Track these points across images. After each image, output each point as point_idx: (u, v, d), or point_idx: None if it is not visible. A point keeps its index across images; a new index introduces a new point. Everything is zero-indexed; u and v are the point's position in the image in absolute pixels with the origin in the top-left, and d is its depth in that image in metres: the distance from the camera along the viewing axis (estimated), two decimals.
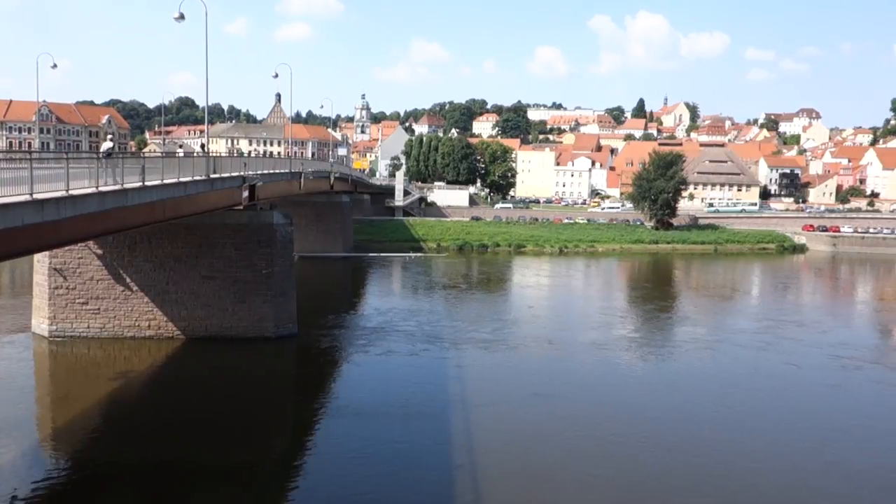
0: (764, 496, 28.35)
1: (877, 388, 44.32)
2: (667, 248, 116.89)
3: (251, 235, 48.10)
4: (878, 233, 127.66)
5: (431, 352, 48.44)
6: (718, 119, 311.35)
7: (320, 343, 49.79)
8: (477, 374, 44.05)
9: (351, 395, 39.61)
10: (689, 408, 39.18)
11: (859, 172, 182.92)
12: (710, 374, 46.55)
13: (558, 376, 44.16)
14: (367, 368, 45.23)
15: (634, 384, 44.11)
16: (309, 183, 68.92)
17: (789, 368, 47.95)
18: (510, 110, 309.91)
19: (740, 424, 36.48)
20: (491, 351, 49.31)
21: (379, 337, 51.80)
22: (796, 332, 58.57)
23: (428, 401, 38.56)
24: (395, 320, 57.97)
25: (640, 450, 32.62)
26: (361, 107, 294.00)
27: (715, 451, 32.90)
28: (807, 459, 32.32)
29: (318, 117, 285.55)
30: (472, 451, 31.52)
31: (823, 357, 50.66)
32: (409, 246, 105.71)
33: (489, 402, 38.53)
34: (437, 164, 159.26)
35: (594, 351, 50.49)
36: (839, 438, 34.95)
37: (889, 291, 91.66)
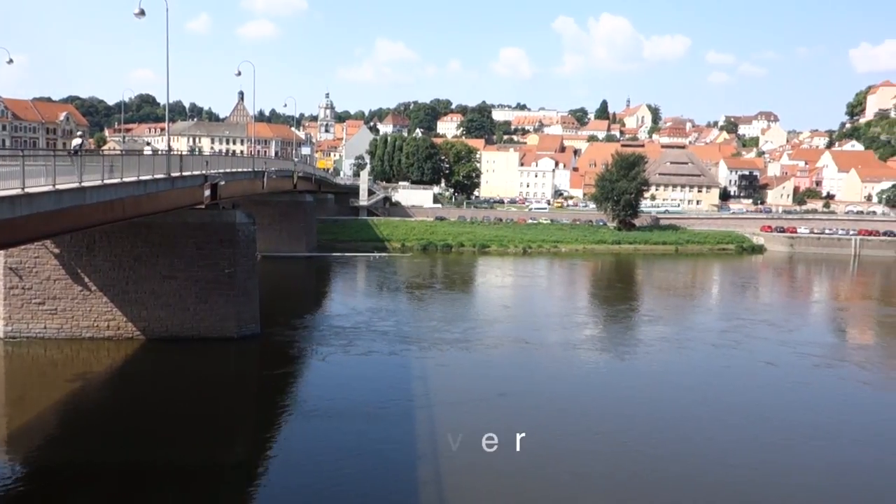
0: (738, 491, 28.85)
1: (843, 384, 45.41)
2: (629, 249, 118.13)
3: (213, 234, 47.58)
4: (833, 234, 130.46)
5: (396, 352, 48.39)
6: (680, 121, 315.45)
7: (284, 343, 49.43)
8: (442, 374, 44.09)
9: (314, 396, 39.41)
10: (657, 405, 39.64)
11: (816, 174, 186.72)
12: (677, 372, 47.21)
13: (524, 375, 44.42)
14: (331, 368, 45.06)
15: (601, 383, 44.59)
16: (272, 182, 68.35)
17: (758, 366, 48.84)
18: (475, 111, 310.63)
19: (712, 420, 37.10)
20: (456, 350, 49.39)
21: (343, 337, 51.59)
22: (762, 331, 59.54)
23: (392, 401, 38.51)
24: (359, 320, 57.77)
25: (608, 447, 32.98)
26: (325, 106, 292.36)
27: (686, 446, 33.37)
28: (782, 455, 32.87)
29: (281, 116, 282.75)
30: (436, 452, 31.53)
31: (792, 356, 51.60)
32: (374, 246, 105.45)
33: (454, 401, 38.58)
34: (402, 164, 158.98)
35: (560, 350, 50.91)
36: (812, 433, 35.67)
37: (844, 290, 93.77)
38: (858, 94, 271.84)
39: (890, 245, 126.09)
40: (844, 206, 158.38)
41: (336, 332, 52.95)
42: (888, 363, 52.89)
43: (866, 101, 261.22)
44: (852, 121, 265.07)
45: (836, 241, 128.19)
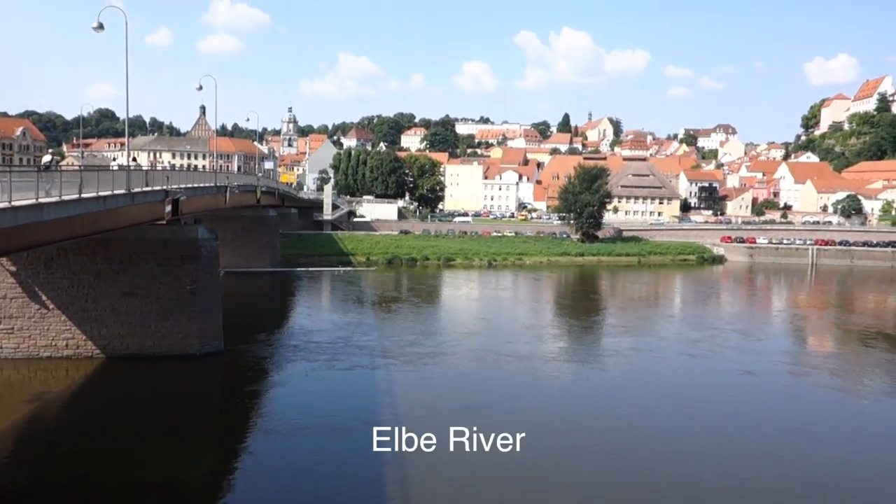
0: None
1: (818, 391, 46.24)
2: (592, 261, 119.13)
3: (175, 250, 47.03)
4: (791, 243, 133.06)
5: (361, 367, 48.14)
6: (640, 134, 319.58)
7: (247, 359, 48.91)
8: (407, 388, 43.96)
9: (279, 412, 39.03)
10: (635, 414, 39.97)
11: (773, 186, 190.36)
12: (650, 382, 47.74)
13: (490, 389, 44.47)
14: (296, 384, 44.67)
15: (568, 394, 44.83)
16: (235, 197, 67.73)
17: (733, 375, 49.76)
18: (438, 124, 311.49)
19: (693, 430, 37.55)
20: (422, 364, 49.28)
21: (307, 352, 51.22)
22: (730, 341, 60.67)
23: (357, 416, 38.28)
24: (323, 335, 57.42)
25: (579, 459, 33.10)
26: (288, 120, 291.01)
27: (670, 455, 33.65)
28: (762, 463, 33.32)
29: (244, 130, 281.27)
30: (402, 466, 31.40)
31: (764, 364, 52.60)
32: (338, 260, 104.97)
33: (420, 415, 38.45)
34: (366, 178, 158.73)
35: (527, 362, 51.06)
36: (792, 440, 36.23)
37: (804, 299, 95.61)
38: (813, 107, 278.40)
39: (845, 254, 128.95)
40: (801, 217, 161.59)
41: (300, 348, 52.55)
42: (857, 370, 54.04)
43: (820, 114, 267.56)
44: (807, 133, 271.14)
45: (794, 250, 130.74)
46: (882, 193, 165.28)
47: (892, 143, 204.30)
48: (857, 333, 67.63)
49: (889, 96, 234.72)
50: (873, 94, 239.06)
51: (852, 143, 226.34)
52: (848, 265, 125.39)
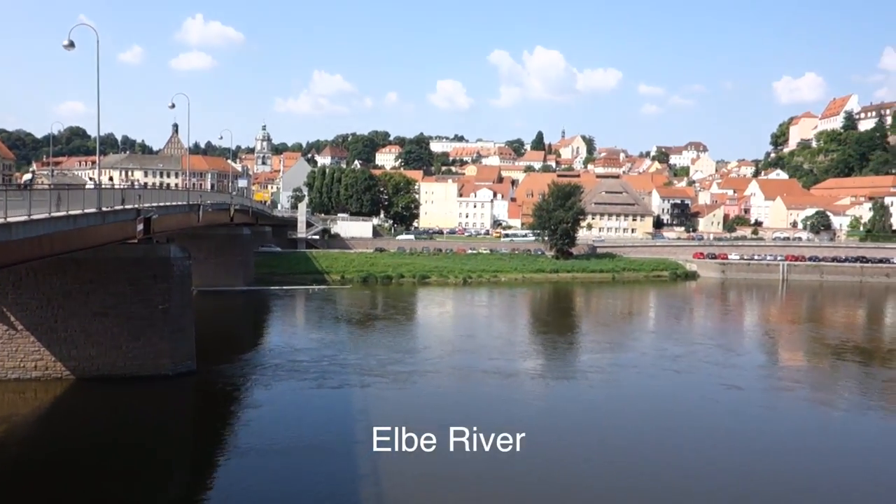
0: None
1: (802, 406, 46.67)
2: (567, 277, 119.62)
3: (147, 270, 46.53)
4: (762, 259, 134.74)
5: (336, 386, 47.83)
6: (613, 151, 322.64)
7: (220, 379, 48.40)
8: (381, 407, 43.71)
9: (252, 433, 38.62)
10: (620, 430, 40.09)
11: (744, 202, 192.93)
12: (631, 396, 48.09)
13: (466, 407, 44.31)
14: (270, 404, 44.25)
15: (547, 412, 44.77)
16: (208, 215, 67.31)
17: (717, 390, 50.39)
18: (413, 142, 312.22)
19: (679, 446, 37.68)
20: (397, 383, 49.06)
21: (281, 372, 50.80)
22: (710, 356, 61.41)
23: (332, 436, 38.00)
24: (298, 354, 57.01)
25: (561, 477, 33.04)
26: (262, 138, 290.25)
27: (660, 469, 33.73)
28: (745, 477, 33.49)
29: (217, 148, 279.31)
30: (378, 486, 31.18)
31: (748, 379, 53.05)
32: (313, 278, 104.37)
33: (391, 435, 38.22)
34: (341, 196, 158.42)
35: (512, 379, 51.04)
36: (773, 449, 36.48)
37: (776, 315, 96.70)
38: (782, 124, 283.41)
39: (815, 270, 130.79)
40: (772, 233, 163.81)
41: (274, 368, 52.10)
42: (834, 384, 54.75)
43: (789, 132, 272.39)
44: (777, 150, 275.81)
45: (765, 266, 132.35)
46: (850, 210, 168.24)
47: (858, 160, 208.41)
48: (831, 348, 68.55)
49: (855, 114, 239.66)
50: (840, 113, 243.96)
51: (820, 161, 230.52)
52: (818, 280, 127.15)
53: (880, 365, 62.07)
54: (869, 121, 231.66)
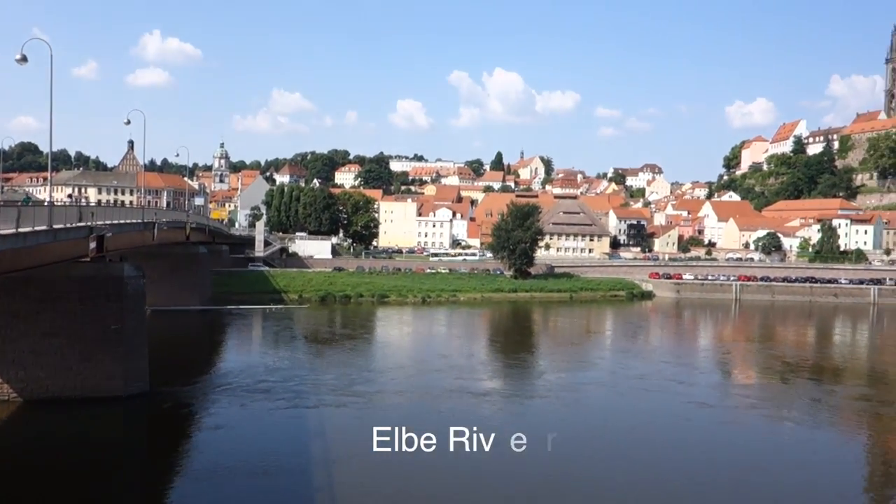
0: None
1: (764, 421, 47.43)
2: (526, 297, 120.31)
3: (99, 289, 45.66)
4: (715, 279, 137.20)
5: (292, 406, 47.32)
6: (571, 172, 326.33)
7: (174, 401, 47.55)
8: (339, 428, 43.39)
9: (206, 455, 37.97)
10: (570, 451, 40.16)
11: (698, 223, 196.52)
12: (603, 414, 48.24)
13: (424, 427, 44.08)
14: (224, 426, 43.55)
15: (502, 430, 44.69)
16: (163, 233, 66.32)
17: (684, 408, 50.79)
18: (373, 161, 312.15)
19: (653, 457, 37.95)
20: (353, 404, 48.71)
21: (237, 393, 50.10)
22: (675, 374, 62.44)
23: (288, 457, 37.56)
24: (254, 375, 56.27)
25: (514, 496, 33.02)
26: (220, 155, 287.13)
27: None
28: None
29: (174, 166, 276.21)
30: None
31: (714, 396, 53.77)
32: (270, 297, 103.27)
33: (350, 455, 37.96)
34: (299, 215, 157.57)
35: (468, 399, 50.87)
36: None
37: (729, 334, 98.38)
38: (734, 148, 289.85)
39: (766, 290, 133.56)
40: (725, 254, 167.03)
41: (230, 389, 51.37)
42: (791, 400, 55.83)
43: (741, 155, 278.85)
44: (729, 173, 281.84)
45: (719, 286, 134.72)
46: (799, 231, 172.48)
47: (807, 183, 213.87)
48: (788, 366, 70.31)
49: (804, 139, 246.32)
50: (790, 137, 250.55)
51: (771, 183, 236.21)
52: (769, 300, 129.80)
53: (831, 382, 63.62)
54: (817, 145, 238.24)
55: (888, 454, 43.54)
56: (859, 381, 65.40)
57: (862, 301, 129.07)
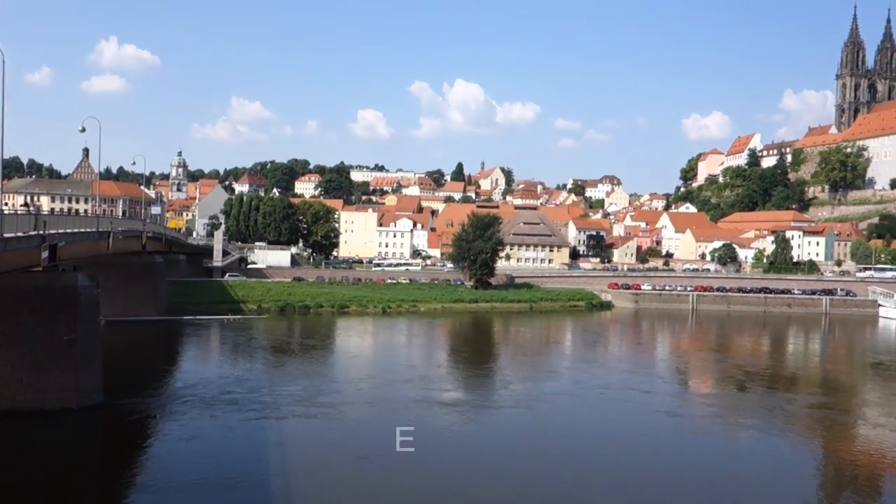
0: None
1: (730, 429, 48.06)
2: (486, 307, 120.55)
3: (51, 299, 44.65)
4: (673, 290, 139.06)
5: (250, 418, 46.72)
6: (531, 183, 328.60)
7: (129, 414, 46.60)
8: (299, 440, 42.98)
9: (162, 469, 37.25)
10: (522, 465, 40.27)
11: (656, 235, 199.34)
12: (573, 424, 48.46)
13: (383, 438, 43.91)
14: (181, 439, 42.76)
15: (463, 442, 44.74)
16: (118, 243, 65.20)
17: (653, 417, 51.41)
18: (333, 171, 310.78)
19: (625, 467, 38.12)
20: (313, 415, 48.31)
21: (193, 405, 49.31)
22: (641, 383, 63.23)
23: (246, 470, 37.04)
24: (211, 386, 55.46)
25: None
26: (178, 164, 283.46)
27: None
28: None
29: (130, 174, 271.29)
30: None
31: (682, 405, 54.26)
32: (228, 308, 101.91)
33: (311, 468, 37.63)
34: (259, 224, 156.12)
35: (423, 410, 50.74)
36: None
37: (687, 344, 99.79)
38: (691, 160, 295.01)
39: (722, 300, 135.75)
40: (682, 264, 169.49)
41: (187, 400, 50.54)
42: (750, 409, 56.67)
43: (698, 167, 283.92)
44: (686, 185, 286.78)
45: (676, 296, 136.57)
46: (754, 242, 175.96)
47: (762, 195, 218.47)
48: (751, 375, 71.53)
49: (758, 152, 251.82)
50: (744, 150, 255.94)
51: (727, 195, 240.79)
52: (725, 310, 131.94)
53: (789, 391, 65.03)
54: (771, 158, 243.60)
55: (845, 460, 44.42)
56: (816, 389, 66.99)
57: (814, 311, 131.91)
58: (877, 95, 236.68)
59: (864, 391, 67.41)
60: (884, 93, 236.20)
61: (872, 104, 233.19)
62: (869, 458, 43.68)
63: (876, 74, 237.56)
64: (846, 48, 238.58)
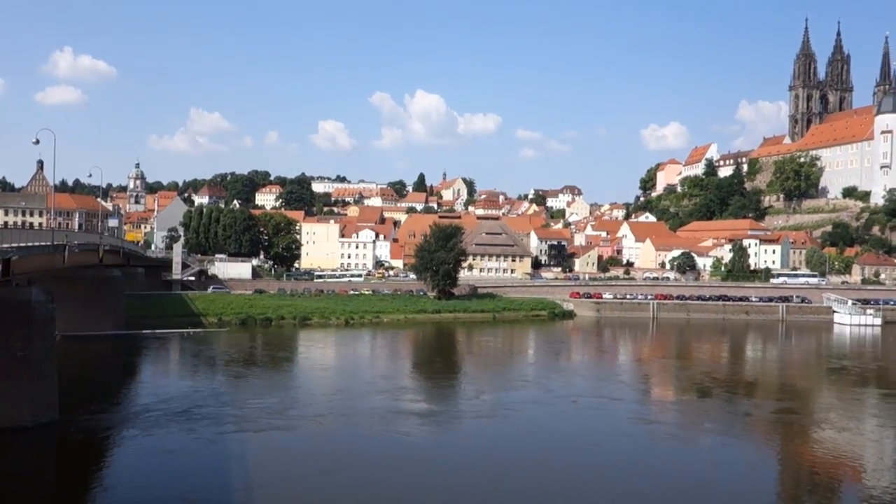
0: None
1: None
2: (449, 317, 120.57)
3: (4, 314, 43.71)
4: (633, 298, 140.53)
5: (211, 434, 46.05)
6: (493, 194, 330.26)
7: (86, 431, 45.65)
8: (261, 454, 42.44)
9: (120, 487, 36.51)
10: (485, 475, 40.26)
11: (616, 244, 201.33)
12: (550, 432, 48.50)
13: (347, 451, 43.64)
14: (139, 456, 41.96)
15: (423, 454, 44.61)
16: (74, 256, 63.97)
17: (626, 423, 51.20)
18: (294, 182, 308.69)
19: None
20: (275, 429, 47.83)
21: (152, 421, 48.47)
22: (612, 391, 63.76)
23: (207, 487, 36.56)
24: (171, 402, 54.54)
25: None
26: (135, 176, 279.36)
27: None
28: None
29: (86, 186, 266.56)
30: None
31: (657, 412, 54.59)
32: (188, 321, 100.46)
33: (273, 482, 37.19)
34: (219, 236, 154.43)
35: (386, 422, 50.50)
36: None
37: (649, 352, 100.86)
38: (650, 170, 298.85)
39: (682, 308, 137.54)
40: (642, 273, 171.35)
41: (146, 416, 49.67)
42: (719, 416, 57.40)
43: (657, 177, 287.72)
44: (645, 194, 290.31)
45: (637, 305, 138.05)
46: (712, 251, 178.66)
47: (719, 204, 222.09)
48: (718, 381, 73.04)
49: (715, 162, 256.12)
50: (702, 160, 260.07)
51: (685, 205, 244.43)
52: (685, 318, 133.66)
53: (756, 397, 66.80)
54: (728, 168, 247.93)
55: (804, 465, 45.21)
56: (776, 395, 68.28)
57: (771, 318, 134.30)
58: (828, 106, 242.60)
59: (821, 396, 68.71)
60: (835, 104, 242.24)
61: (824, 115, 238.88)
62: (828, 462, 44.50)
63: (827, 86, 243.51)
64: (798, 60, 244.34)
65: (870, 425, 56.36)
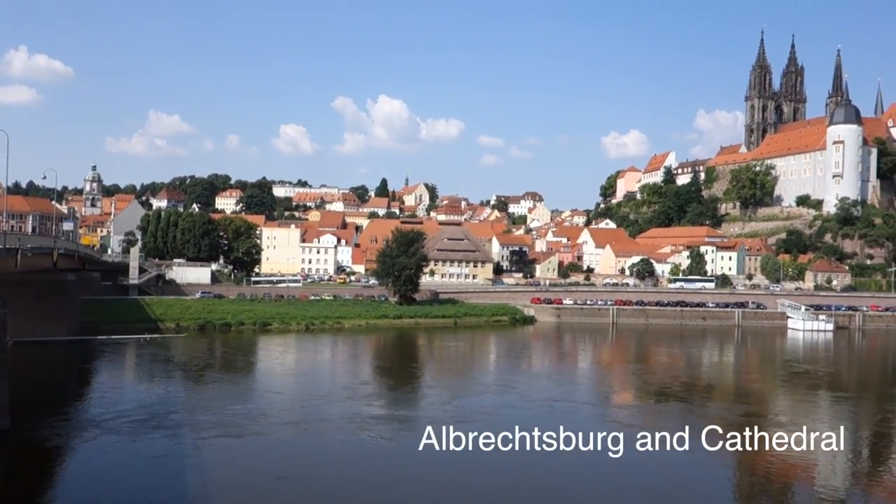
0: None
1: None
2: (410, 323, 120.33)
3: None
4: (594, 304, 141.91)
5: (168, 441, 45.40)
6: (455, 199, 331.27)
7: (38, 439, 44.63)
8: (218, 462, 41.98)
9: (72, 496, 35.86)
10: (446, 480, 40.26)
11: (577, 250, 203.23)
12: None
13: (304, 457, 43.36)
14: (94, 465, 41.19)
15: (386, 460, 44.48)
16: (27, 260, 62.67)
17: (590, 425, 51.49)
18: (255, 186, 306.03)
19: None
20: (233, 436, 47.23)
21: (107, 429, 47.58)
22: (580, 395, 64.03)
23: (164, 495, 35.95)
24: (125, 409, 53.62)
25: None
26: (92, 179, 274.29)
27: None
28: None
29: (40, 189, 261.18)
30: None
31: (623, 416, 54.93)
32: (145, 327, 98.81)
33: (230, 489, 36.79)
34: (177, 241, 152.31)
35: (344, 428, 50.23)
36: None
37: (609, 357, 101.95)
38: (610, 177, 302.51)
39: (641, 314, 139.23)
40: (602, 279, 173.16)
41: (99, 424, 48.72)
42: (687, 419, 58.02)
43: (617, 184, 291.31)
44: (606, 201, 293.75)
45: (597, 310, 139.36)
46: (670, 257, 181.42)
47: (677, 211, 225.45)
48: (685, 385, 74.39)
49: (674, 170, 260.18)
50: (661, 168, 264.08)
51: (644, 212, 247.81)
52: (644, 323, 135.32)
53: (723, 400, 67.95)
54: (686, 176, 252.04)
55: (760, 468, 46.00)
56: (733, 398, 69.37)
57: (727, 323, 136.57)
58: (783, 117, 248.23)
59: (776, 399, 70.13)
60: (789, 114, 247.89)
61: (779, 125, 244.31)
62: (782, 463, 45.33)
63: (782, 97, 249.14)
64: (754, 71, 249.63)
65: (824, 427, 57.55)
